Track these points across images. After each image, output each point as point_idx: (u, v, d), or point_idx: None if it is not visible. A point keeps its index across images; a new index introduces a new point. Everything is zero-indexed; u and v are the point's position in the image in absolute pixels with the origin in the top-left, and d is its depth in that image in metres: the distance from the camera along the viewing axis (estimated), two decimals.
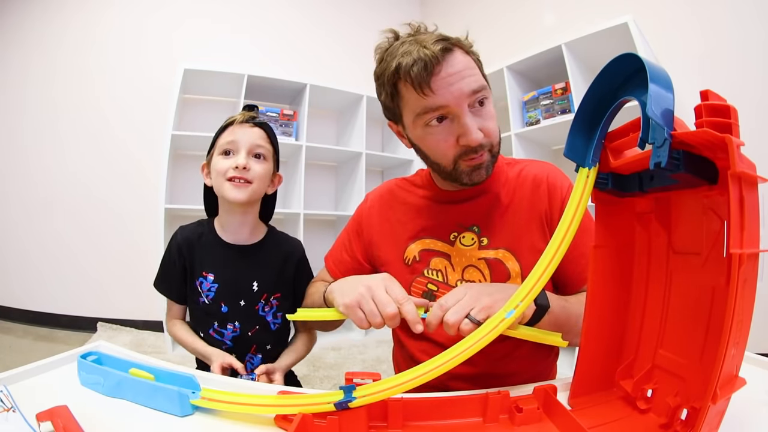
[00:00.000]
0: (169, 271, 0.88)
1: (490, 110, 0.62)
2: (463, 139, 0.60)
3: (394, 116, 0.68)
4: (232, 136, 0.82)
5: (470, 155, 0.61)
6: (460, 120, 0.59)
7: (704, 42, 1.73)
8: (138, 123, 2.48)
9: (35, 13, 2.45)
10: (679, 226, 0.42)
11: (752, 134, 0.58)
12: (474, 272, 0.68)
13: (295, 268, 0.90)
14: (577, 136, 0.46)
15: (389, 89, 0.63)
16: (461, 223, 0.71)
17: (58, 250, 2.42)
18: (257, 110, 0.89)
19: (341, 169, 2.87)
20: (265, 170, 0.84)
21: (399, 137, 0.72)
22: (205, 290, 0.84)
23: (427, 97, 0.58)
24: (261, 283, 0.85)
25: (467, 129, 0.59)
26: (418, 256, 0.72)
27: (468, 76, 0.59)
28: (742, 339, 0.32)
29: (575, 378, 0.46)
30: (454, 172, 0.64)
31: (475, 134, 0.59)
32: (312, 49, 2.95)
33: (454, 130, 0.60)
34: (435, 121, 0.60)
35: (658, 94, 0.35)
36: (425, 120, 0.61)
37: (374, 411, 0.43)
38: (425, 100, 0.59)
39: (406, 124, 0.66)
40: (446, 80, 0.58)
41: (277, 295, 0.87)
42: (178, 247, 0.86)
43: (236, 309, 0.84)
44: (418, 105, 0.60)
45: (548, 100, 1.99)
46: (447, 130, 0.61)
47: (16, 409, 0.41)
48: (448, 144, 0.61)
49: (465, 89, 0.58)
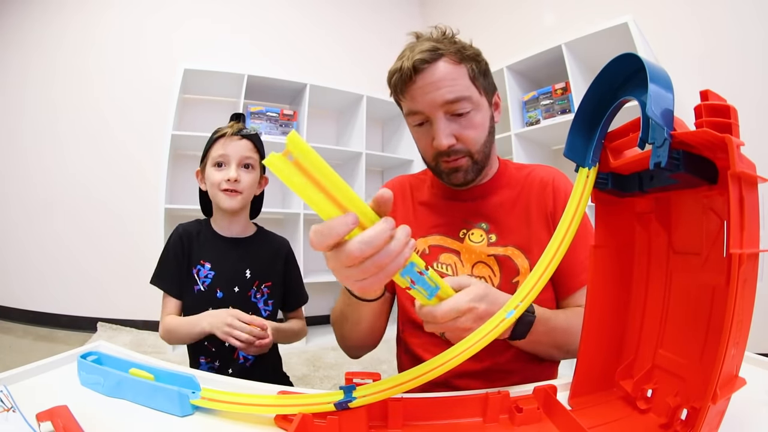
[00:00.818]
0: (167, 264, 0.93)
1: (472, 120, 0.66)
2: (433, 143, 0.66)
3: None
4: (223, 149, 0.91)
5: (443, 158, 0.67)
6: (433, 125, 0.65)
7: (704, 42, 1.73)
8: (138, 123, 2.48)
9: (35, 14, 2.45)
10: (679, 226, 0.42)
11: (752, 134, 0.58)
12: (483, 268, 0.70)
13: (284, 262, 1.00)
14: (576, 136, 0.46)
15: (393, 94, 0.71)
16: (469, 219, 0.73)
17: (58, 250, 2.42)
18: (244, 120, 0.99)
19: (341, 169, 2.87)
20: (253, 179, 0.94)
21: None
22: (202, 277, 0.92)
23: (407, 101, 0.66)
24: (253, 271, 0.94)
25: (437, 134, 0.64)
26: (428, 250, 0.74)
27: (444, 87, 0.63)
28: (742, 339, 0.32)
29: (575, 378, 0.46)
30: (437, 170, 0.71)
31: (443, 140, 0.64)
32: (312, 49, 2.95)
33: (430, 133, 0.66)
34: (417, 124, 0.68)
35: (658, 94, 0.35)
36: (410, 121, 0.69)
37: (374, 411, 0.43)
38: (407, 104, 0.67)
39: (406, 122, 0.73)
40: (421, 89, 0.64)
41: (268, 283, 0.95)
42: (179, 236, 0.94)
43: (231, 295, 0.91)
44: (404, 107, 0.69)
45: (548, 100, 1.99)
46: (426, 132, 0.67)
47: (16, 409, 0.41)
48: (426, 144, 0.68)
49: (438, 99, 0.63)
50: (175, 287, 0.92)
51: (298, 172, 0.29)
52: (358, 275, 0.34)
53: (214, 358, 0.90)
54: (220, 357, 0.89)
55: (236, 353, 0.89)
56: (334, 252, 0.33)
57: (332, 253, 0.33)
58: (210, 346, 0.89)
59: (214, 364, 0.90)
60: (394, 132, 2.97)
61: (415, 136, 0.71)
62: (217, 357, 0.89)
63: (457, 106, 0.63)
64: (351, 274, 0.34)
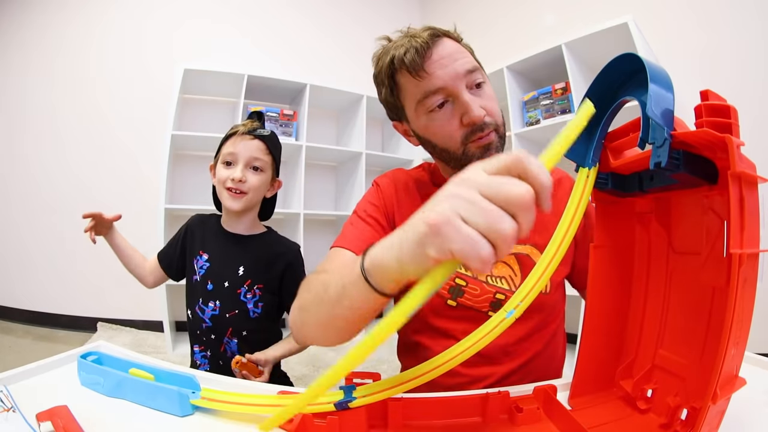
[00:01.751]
0: (173, 244, 1.01)
1: (489, 92, 0.63)
2: (466, 117, 0.59)
3: (398, 113, 0.68)
4: (233, 147, 0.90)
5: (477, 134, 0.60)
6: (460, 99, 0.59)
7: (704, 42, 1.73)
8: (138, 123, 2.48)
9: (35, 14, 2.45)
10: (679, 226, 0.42)
11: (752, 134, 0.58)
12: (503, 267, 0.67)
13: (285, 267, 0.94)
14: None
15: (388, 83, 0.64)
16: None
17: (58, 250, 2.41)
18: (263, 119, 0.96)
19: (341, 169, 2.87)
20: (260, 181, 0.92)
21: (406, 137, 0.71)
22: (199, 267, 0.94)
23: (423, 79, 0.59)
24: (246, 269, 0.92)
25: (468, 106, 0.59)
26: None
27: (460, 58, 0.60)
28: (742, 339, 0.32)
29: (575, 378, 0.46)
30: (464, 157, 0.62)
31: (477, 111, 0.59)
32: (312, 49, 2.95)
33: (456, 112, 0.60)
34: (436, 107, 0.60)
35: (658, 94, 0.35)
36: (427, 106, 0.61)
37: (374, 411, 0.43)
38: (423, 84, 0.60)
39: (409, 117, 0.66)
40: (439, 62, 0.59)
41: (260, 285, 0.93)
42: (188, 225, 1.00)
43: (220, 289, 0.91)
44: (418, 91, 0.61)
45: (548, 100, 1.99)
46: (449, 113, 0.61)
47: (16, 409, 0.41)
48: (452, 126, 0.61)
49: (459, 69, 0.59)
50: (173, 269, 1.00)
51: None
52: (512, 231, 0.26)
53: (206, 347, 0.93)
54: (211, 347, 0.92)
55: (223, 347, 0.91)
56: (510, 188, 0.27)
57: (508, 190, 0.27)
58: (201, 335, 0.92)
59: (206, 353, 0.93)
60: (394, 132, 2.95)
61: (435, 123, 0.62)
62: (208, 347, 0.93)
63: (476, 75, 0.61)
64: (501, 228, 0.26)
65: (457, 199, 0.28)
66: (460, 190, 0.28)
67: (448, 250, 0.27)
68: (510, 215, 0.27)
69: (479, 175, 0.29)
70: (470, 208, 0.27)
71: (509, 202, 0.27)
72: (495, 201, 0.27)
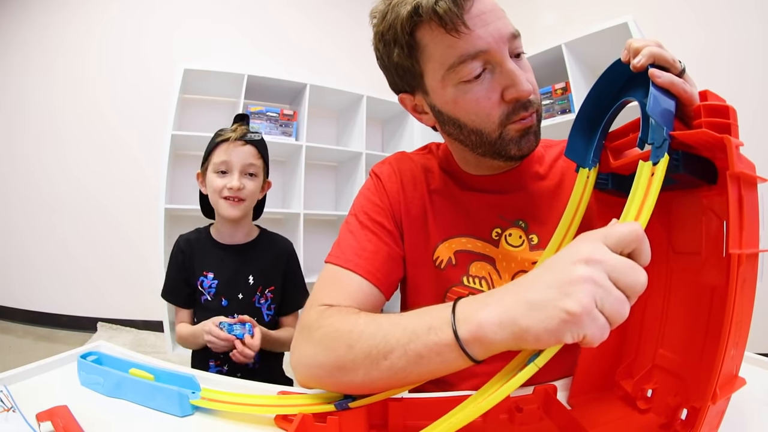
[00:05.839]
0: (172, 278, 0.95)
1: (529, 66, 0.51)
2: (511, 91, 0.47)
3: (411, 81, 0.53)
4: (226, 156, 0.88)
5: (520, 113, 0.48)
6: (504, 67, 0.46)
7: (703, 42, 1.73)
8: (138, 123, 2.48)
9: (35, 14, 2.45)
10: (679, 226, 0.42)
11: (752, 134, 0.58)
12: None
13: (285, 263, 0.98)
14: (577, 137, 0.46)
15: (405, 41, 0.49)
16: (503, 215, 0.57)
17: (59, 250, 2.42)
18: (248, 122, 0.95)
19: (341, 169, 2.87)
20: (256, 185, 0.92)
21: (414, 113, 0.58)
22: (207, 287, 0.92)
23: (460, 38, 0.45)
24: (256, 277, 0.93)
25: (516, 77, 0.46)
26: (455, 259, 0.57)
27: (503, 17, 0.48)
28: (742, 339, 0.32)
29: (575, 378, 0.46)
30: (500, 141, 0.50)
31: (525, 84, 0.47)
32: (312, 49, 2.95)
33: (497, 84, 0.47)
34: (473, 77, 0.47)
35: (658, 95, 0.35)
36: (461, 74, 0.47)
37: (374, 411, 0.43)
38: (460, 45, 0.45)
39: (430, 87, 0.51)
40: (481, 18, 0.45)
41: (272, 288, 0.95)
42: (180, 249, 0.94)
43: (235, 302, 0.91)
44: (451, 53, 0.46)
45: (548, 100, 1.99)
46: (488, 85, 0.48)
47: (16, 409, 0.41)
48: (491, 102, 0.48)
49: (504, 31, 0.46)
50: (182, 299, 0.94)
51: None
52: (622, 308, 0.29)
53: (222, 363, 0.90)
54: (228, 360, 0.88)
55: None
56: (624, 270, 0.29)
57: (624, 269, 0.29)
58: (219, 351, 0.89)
59: (223, 368, 0.90)
60: (394, 132, 2.97)
61: (468, 97, 0.48)
62: (225, 361, 0.89)
63: (519, 42, 0.49)
64: (620, 307, 0.29)
65: (593, 286, 0.29)
66: (594, 274, 0.29)
67: (582, 335, 0.29)
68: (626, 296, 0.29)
69: (607, 256, 0.29)
70: (605, 297, 0.28)
71: (632, 289, 0.29)
72: (619, 284, 0.29)
